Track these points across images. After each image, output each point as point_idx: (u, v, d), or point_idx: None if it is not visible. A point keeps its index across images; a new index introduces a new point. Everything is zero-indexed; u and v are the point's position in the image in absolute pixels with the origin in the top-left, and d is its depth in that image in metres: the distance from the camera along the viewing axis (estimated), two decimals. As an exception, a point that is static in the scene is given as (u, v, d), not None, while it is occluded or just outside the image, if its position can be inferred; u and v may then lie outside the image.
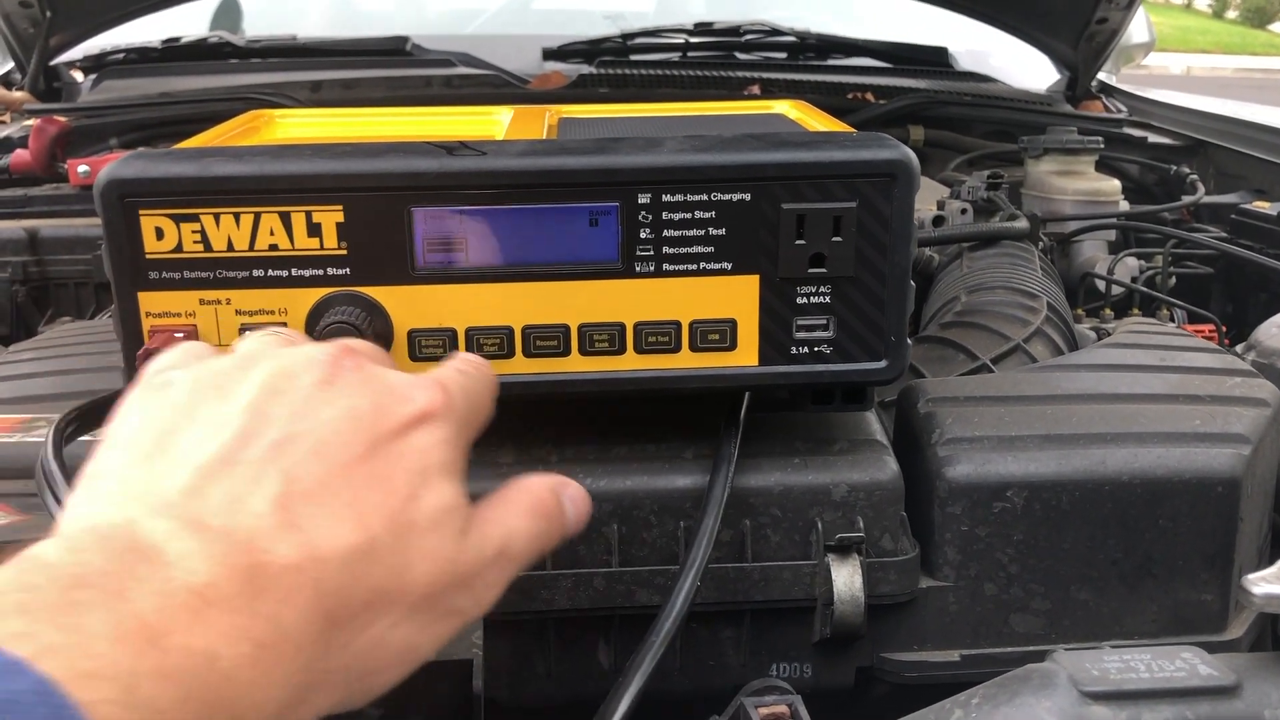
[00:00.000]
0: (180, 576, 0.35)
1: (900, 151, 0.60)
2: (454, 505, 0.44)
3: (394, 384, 0.45)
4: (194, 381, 0.44)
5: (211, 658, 0.34)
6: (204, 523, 0.37)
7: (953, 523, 0.68)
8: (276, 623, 0.36)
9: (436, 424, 0.45)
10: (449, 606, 0.44)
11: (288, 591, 0.37)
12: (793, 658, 0.68)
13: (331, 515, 0.40)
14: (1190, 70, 13.98)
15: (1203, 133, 1.76)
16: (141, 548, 0.35)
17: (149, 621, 0.33)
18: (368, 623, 0.40)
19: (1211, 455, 0.69)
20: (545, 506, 0.49)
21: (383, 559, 0.40)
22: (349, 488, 0.41)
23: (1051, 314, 0.98)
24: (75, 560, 0.34)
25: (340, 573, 0.39)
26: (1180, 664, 0.53)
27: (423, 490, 0.43)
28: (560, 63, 1.89)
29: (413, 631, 0.42)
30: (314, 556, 0.38)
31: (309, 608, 0.37)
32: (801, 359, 0.62)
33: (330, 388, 0.44)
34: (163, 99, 1.68)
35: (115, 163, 0.58)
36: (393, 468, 0.43)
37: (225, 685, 0.34)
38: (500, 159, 0.59)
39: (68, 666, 0.30)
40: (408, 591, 0.41)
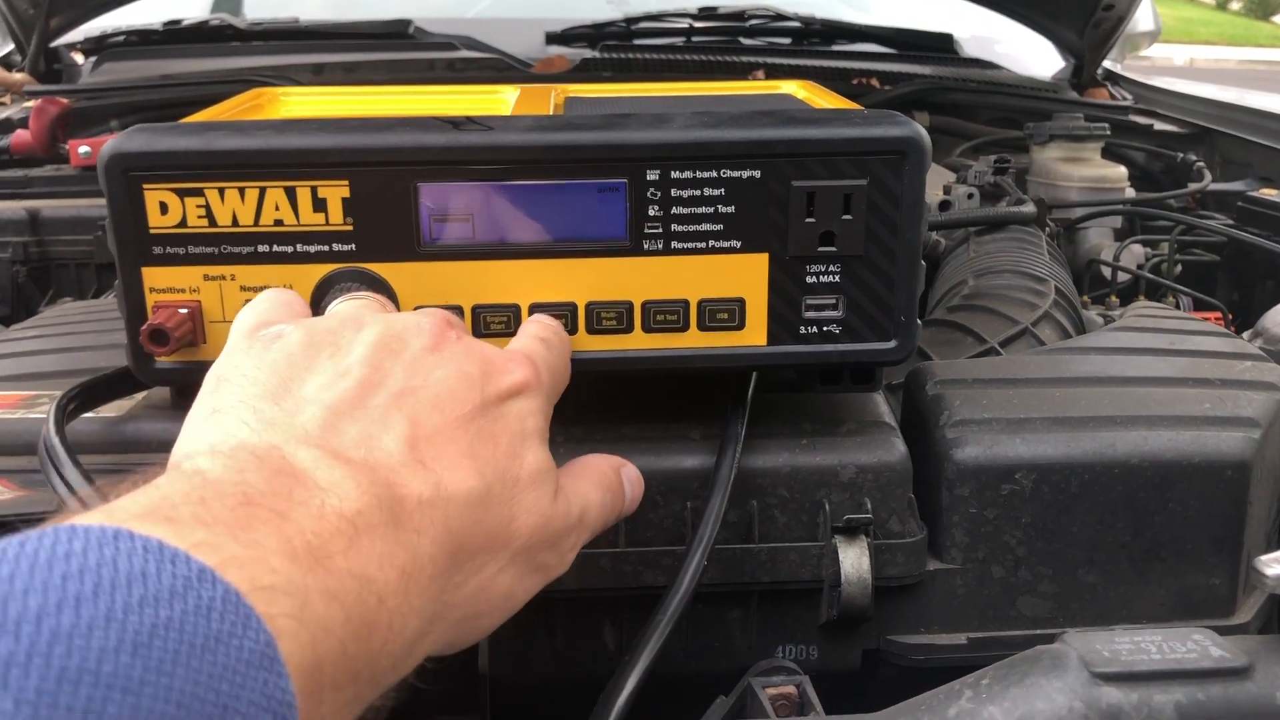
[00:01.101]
0: (333, 503, 0.37)
1: (911, 129, 0.59)
2: (549, 468, 0.48)
3: (492, 356, 0.49)
4: (307, 334, 0.47)
5: (367, 581, 0.35)
6: (345, 455, 0.40)
7: (960, 505, 0.67)
8: (414, 552, 0.39)
9: (530, 395, 0.49)
10: (540, 561, 0.47)
11: (423, 524, 0.40)
12: (799, 639, 0.68)
13: (453, 460, 0.43)
14: (1193, 61, 13.95)
15: (1209, 120, 1.76)
16: (295, 472, 0.37)
17: (312, 543, 0.34)
18: (481, 564, 0.43)
19: (1221, 439, 0.68)
20: (610, 481, 0.54)
21: (495, 506, 0.44)
22: (465, 438, 0.44)
23: (1059, 298, 0.98)
24: (239, 478, 0.35)
25: (463, 512, 0.42)
26: (1192, 645, 0.52)
27: (524, 451, 0.46)
28: (564, 46, 1.88)
29: (513, 579, 0.45)
30: (443, 495, 0.41)
31: (440, 540, 0.40)
32: (810, 339, 0.62)
33: (438, 352, 0.47)
34: (163, 81, 1.68)
35: (119, 136, 0.57)
36: (498, 427, 0.46)
37: (378, 608, 0.36)
38: (507, 134, 0.58)
39: (249, 579, 0.31)
40: (512, 539, 0.44)
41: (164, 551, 0.29)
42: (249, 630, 0.29)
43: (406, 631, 0.37)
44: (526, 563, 0.46)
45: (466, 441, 0.44)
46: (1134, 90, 1.97)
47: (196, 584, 0.29)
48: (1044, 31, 1.97)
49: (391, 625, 0.36)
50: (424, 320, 0.49)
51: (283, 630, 0.31)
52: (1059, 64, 2.04)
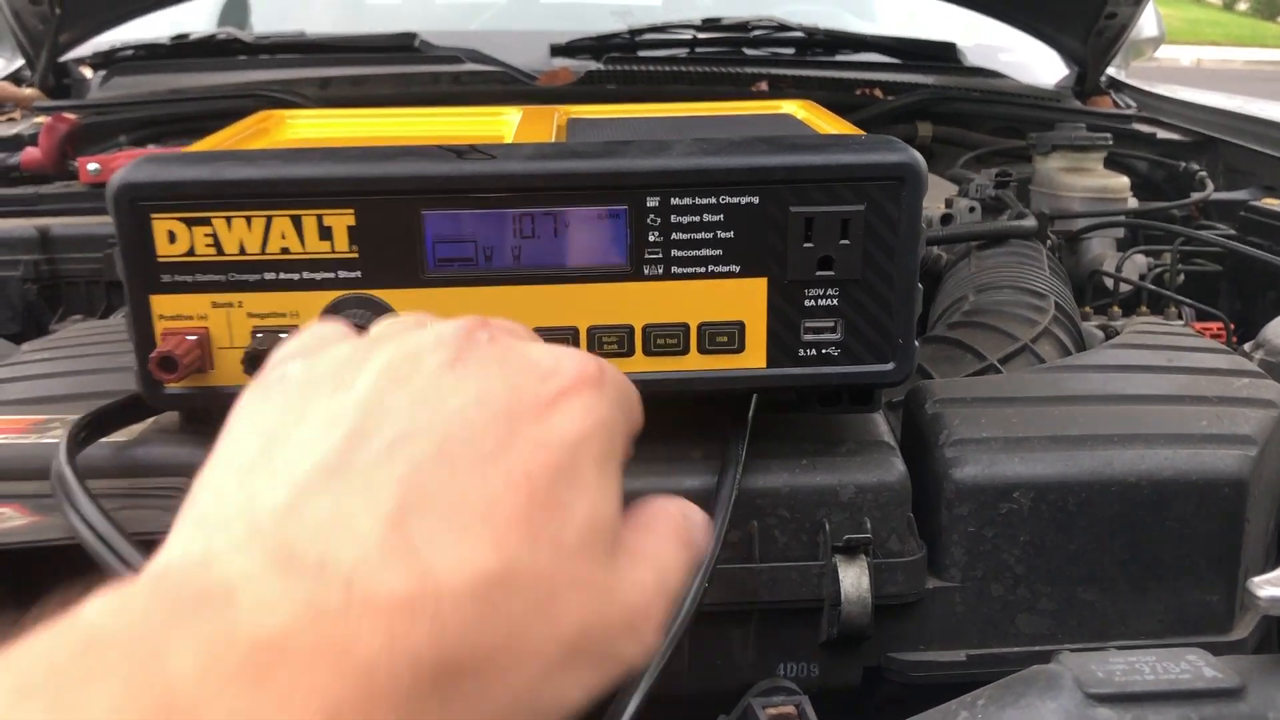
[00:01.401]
0: (245, 628, 0.28)
1: (908, 154, 0.60)
2: (609, 516, 0.36)
3: (535, 356, 0.38)
4: (309, 372, 0.38)
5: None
6: (294, 554, 0.31)
7: (959, 524, 0.68)
8: (368, 678, 0.28)
9: (587, 400, 0.36)
10: (609, 651, 0.34)
11: (390, 636, 0.29)
12: (800, 657, 0.69)
13: (459, 532, 0.32)
14: (1200, 62, 13.93)
15: (1212, 128, 1.76)
16: (210, 591, 0.29)
17: (178, 689, 0.26)
18: (505, 670, 0.31)
19: (1218, 456, 0.69)
20: (688, 535, 0.40)
21: (522, 591, 0.32)
22: (481, 495, 0.33)
23: (1059, 314, 0.99)
24: (113, 618, 0.28)
25: (466, 609, 0.30)
26: (1185, 666, 0.53)
27: (572, 495, 0.34)
28: (568, 59, 1.89)
29: (566, 684, 0.32)
30: (433, 589, 0.30)
31: (421, 653, 0.29)
32: (809, 361, 0.62)
33: (458, 368, 0.36)
34: (172, 96, 1.69)
35: (127, 166, 0.58)
36: (535, 464, 0.34)
37: None
38: (510, 162, 0.59)
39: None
40: (555, 629, 0.32)
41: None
42: None
43: None
44: (586, 657, 0.33)
45: (484, 498, 0.33)
46: (1138, 98, 1.98)
47: None
48: (1047, 40, 1.98)
49: None
50: (447, 329, 0.38)
51: None
52: (1062, 72, 2.05)
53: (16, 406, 0.71)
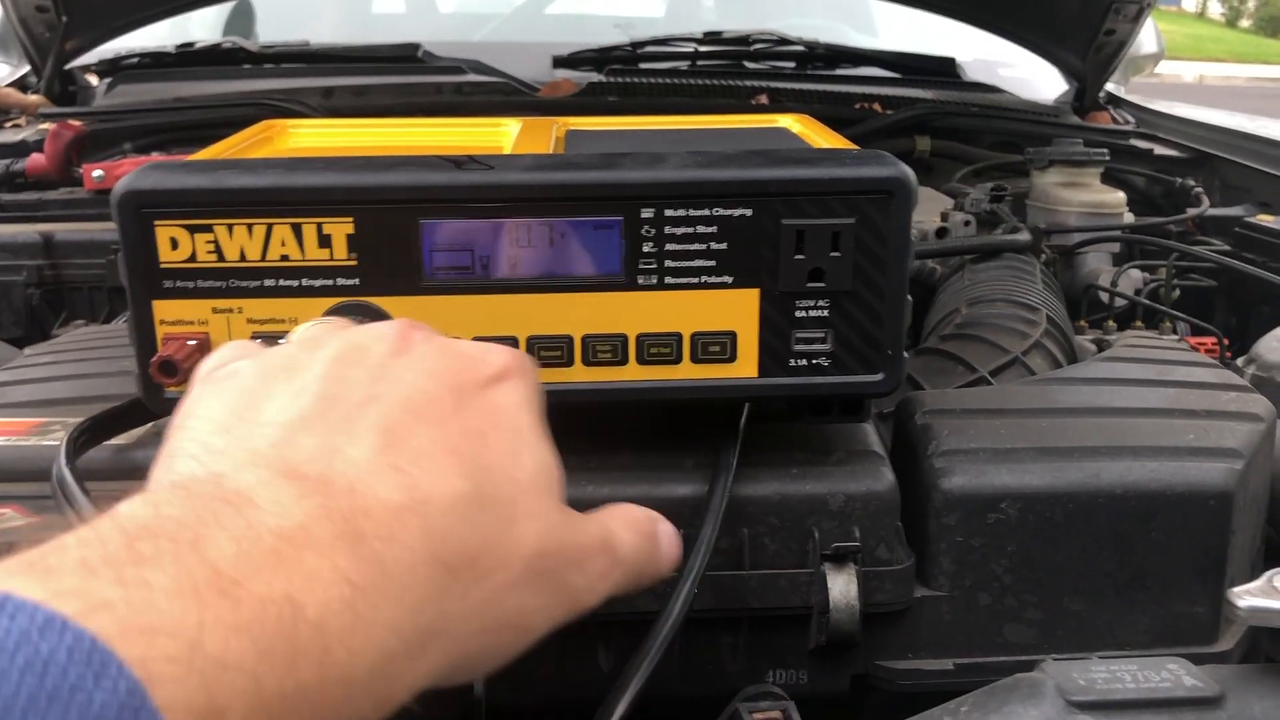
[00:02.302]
0: (268, 521, 0.33)
1: (898, 169, 0.61)
2: (552, 466, 0.43)
3: (466, 349, 0.45)
4: (261, 365, 0.43)
5: (293, 605, 0.31)
6: (298, 470, 0.36)
7: (948, 533, 0.69)
8: (379, 563, 0.34)
9: (516, 383, 0.44)
10: (562, 579, 0.42)
11: (392, 530, 0.35)
12: (789, 664, 0.70)
13: (434, 461, 0.38)
14: (1202, 78, 13.96)
15: (1209, 145, 1.77)
16: (228, 495, 0.34)
17: (222, 570, 0.31)
18: (484, 573, 0.38)
19: (1205, 469, 0.70)
20: (643, 527, 0.49)
21: (490, 509, 0.39)
22: (446, 438, 0.39)
23: (1051, 327, 1.00)
24: (151, 512, 0.32)
25: (448, 516, 0.37)
26: (1166, 675, 0.54)
27: (520, 449, 0.42)
28: (570, 70, 1.90)
29: (527, 596, 0.40)
30: (420, 498, 0.37)
31: (417, 547, 0.36)
32: (800, 371, 0.63)
33: (404, 356, 0.43)
34: (177, 104, 1.71)
35: (132, 174, 0.59)
36: (486, 424, 0.41)
37: (312, 634, 0.31)
38: (508, 173, 0.60)
39: (119, 622, 0.28)
40: (517, 547, 0.40)
41: (5, 605, 0.26)
42: (104, 681, 0.26)
43: (368, 651, 0.33)
44: (544, 578, 0.41)
45: (448, 440, 0.39)
46: (1136, 114, 1.99)
47: (36, 638, 0.26)
48: (1046, 55, 1.99)
49: (334, 649, 0.32)
50: (385, 328, 0.45)
51: (160, 675, 0.27)
52: (1061, 87, 2.06)
53: (18, 409, 0.72)
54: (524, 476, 0.41)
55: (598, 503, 0.65)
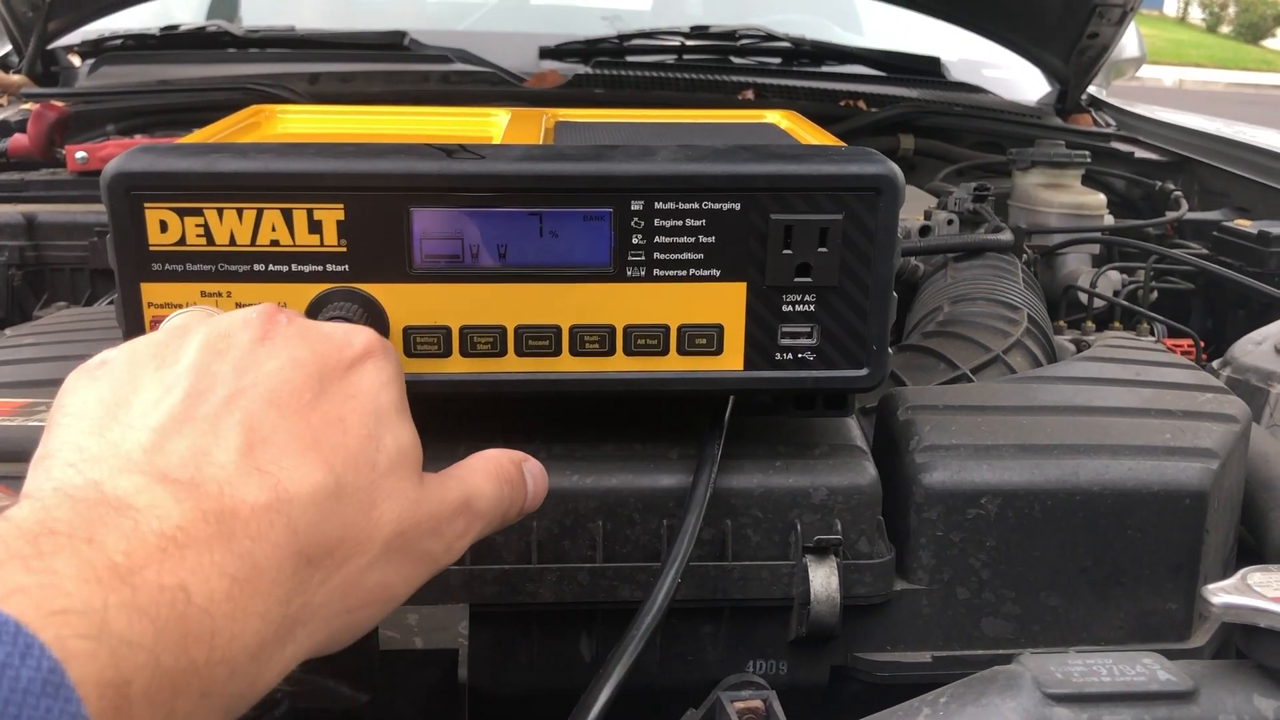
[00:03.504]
0: (150, 522, 0.36)
1: (886, 166, 0.62)
2: (411, 445, 0.46)
3: (329, 332, 0.47)
4: (130, 355, 0.45)
5: (185, 592, 0.35)
6: (170, 476, 0.38)
7: (928, 528, 0.70)
8: (251, 559, 0.37)
9: (378, 363, 0.47)
10: (420, 550, 0.45)
11: (260, 530, 0.38)
12: (769, 655, 0.70)
13: (295, 458, 0.41)
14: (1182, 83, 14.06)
15: (1189, 149, 1.79)
16: (109, 501, 0.36)
17: (118, 562, 0.34)
18: (342, 560, 0.41)
19: (1180, 469, 0.71)
20: (506, 473, 0.51)
21: (349, 498, 0.42)
22: (308, 430, 0.42)
23: (1031, 326, 1.01)
24: (44, 516, 0.35)
25: (309, 511, 0.40)
26: (1141, 669, 0.55)
27: (380, 431, 0.45)
28: (557, 62, 1.90)
29: (386, 571, 0.43)
30: (283, 497, 0.40)
31: (282, 544, 0.39)
32: (785, 365, 0.64)
33: (268, 342, 0.45)
34: (160, 87, 1.70)
35: (122, 156, 0.59)
36: (346, 410, 0.44)
37: (201, 618, 0.35)
38: (498, 163, 0.60)
39: (35, 605, 0.31)
40: (377, 529, 0.43)
41: None
42: (29, 659, 0.29)
43: (246, 637, 0.36)
44: (401, 552, 0.44)
45: (310, 434, 0.42)
46: (1117, 116, 2.01)
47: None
48: (1030, 57, 2.01)
49: (220, 633, 0.35)
50: (250, 313, 0.47)
51: (75, 651, 0.31)
52: (1044, 89, 2.07)
53: (3, 389, 0.72)
54: (383, 459, 0.44)
55: (583, 493, 0.66)
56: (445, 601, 0.65)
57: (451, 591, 0.65)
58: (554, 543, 0.66)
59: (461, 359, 0.62)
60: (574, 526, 0.67)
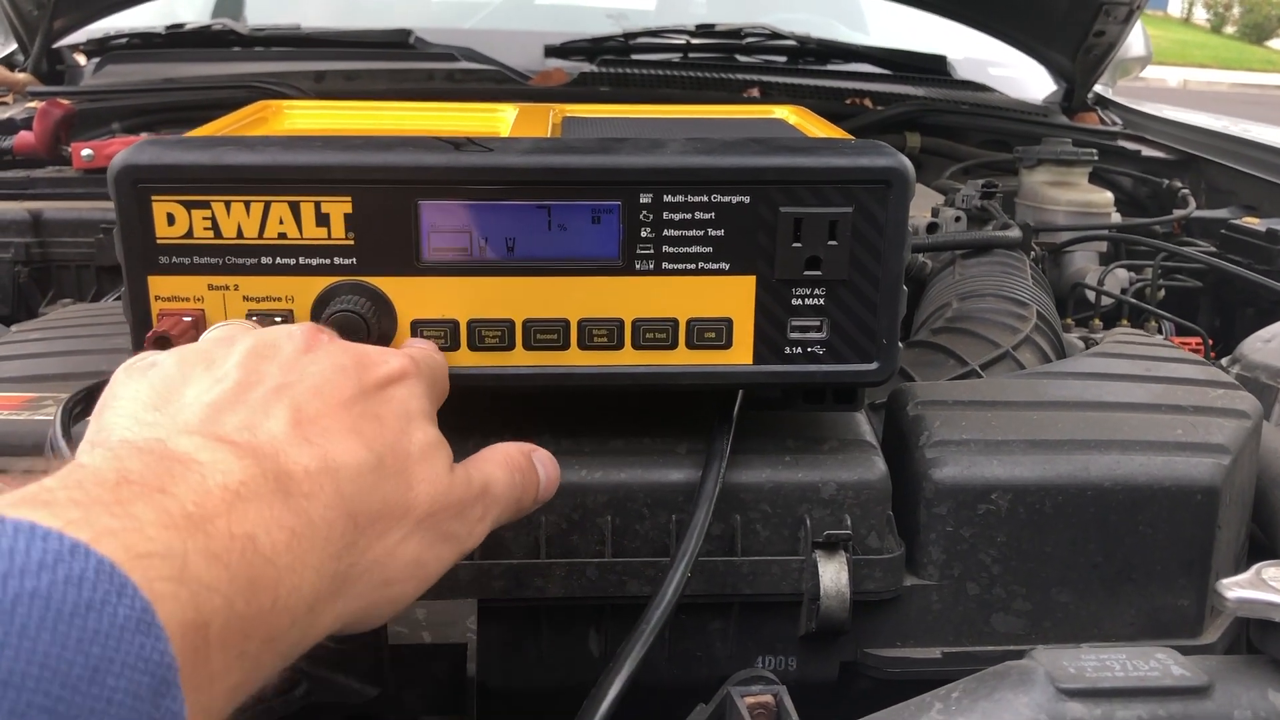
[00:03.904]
0: (216, 477, 0.38)
1: (896, 159, 0.61)
2: (440, 443, 0.50)
3: (367, 350, 0.51)
4: (179, 356, 0.48)
5: (253, 541, 0.37)
6: (229, 438, 0.41)
7: (938, 523, 0.69)
8: (306, 515, 0.40)
9: (409, 382, 0.51)
10: (447, 530, 0.48)
11: (312, 490, 0.41)
12: (778, 650, 0.70)
13: (339, 436, 0.45)
14: (1186, 84, 14.05)
15: (1196, 147, 1.79)
16: (176, 456, 0.39)
17: (191, 511, 0.36)
18: (384, 530, 0.45)
19: (1192, 464, 0.71)
20: (518, 462, 0.55)
21: (389, 475, 0.45)
22: (349, 418, 0.46)
23: (1041, 322, 1.00)
24: (117, 465, 0.37)
25: (355, 480, 0.44)
26: (1154, 664, 0.54)
27: (411, 429, 0.48)
28: (562, 60, 1.90)
29: (420, 546, 0.46)
30: (331, 465, 0.43)
31: (333, 505, 0.42)
32: (795, 359, 0.64)
33: (312, 352, 0.49)
34: (166, 85, 1.70)
35: (129, 149, 0.59)
36: (383, 410, 0.48)
37: (267, 566, 0.37)
38: (506, 156, 0.60)
39: (124, 548, 0.32)
40: (413, 506, 0.46)
41: (35, 531, 0.30)
42: (124, 598, 0.31)
43: (303, 589, 0.39)
44: (433, 531, 0.47)
45: (350, 421, 0.46)
46: (1123, 115, 2.00)
47: (69, 558, 0.30)
48: (1036, 56, 2.00)
49: (283, 582, 0.38)
50: (294, 329, 0.51)
51: (161, 594, 0.32)
52: (1050, 87, 2.07)
53: (10, 384, 0.71)
54: (415, 449, 0.48)
55: (591, 488, 0.66)
56: (454, 596, 0.64)
57: (460, 586, 0.65)
58: (562, 538, 0.66)
59: (469, 352, 0.62)
60: (582, 521, 0.66)
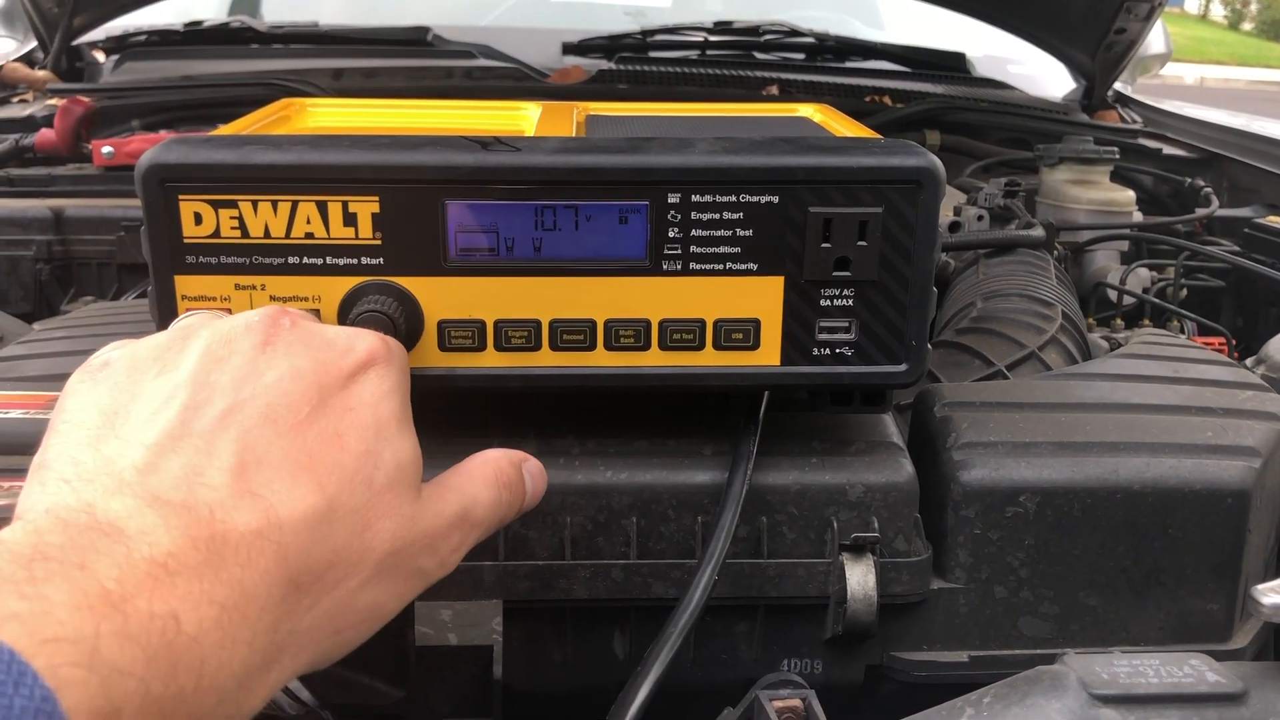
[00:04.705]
0: (141, 549, 0.36)
1: (927, 159, 0.61)
2: (410, 460, 0.45)
3: (333, 337, 0.47)
4: (132, 358, 0.45)
5: (175, 620, 0.35)
6: (162, 498, 0.38)
7: (965, 526, 0.69)
8: (240, 587, 0.37)
9: (380, 371, 0.46)
10: (413, 566, 0.45)
11: (250, 557, 0.38)
12: (804, 653, 0.70)
13: (289, 480, 0.41)
14: (1204, 81, 13.97)
15: (1217, 146, 1.77)
16: (101, 526, 0.36)
17: (110, 590, 0.34)
18: (333, 584, 0.41)
19: (1222, 467, 0.70)
20: (506, 477, 0.51)
21: (343, 520, 0.41)
22: (304, 450, 0.42)
23: (1066, 323, 0.99)
24: (36, 540, 0.35)
25: (301, 536, 0.40)
26: (1189, 670, 0.54)
27: (379, 446, 0.44)
28: (580, 57, 1.90)
29: (379, 591, 0.43)
30: (274, 522, 0.39)
31: (272, 571, 0.38)
32: (823, 360, 0.63)
33: (270, 349, 0.45)
34: (184, 82, 1.70)
35: (157, 148, 0.59)
36: (344, 424, 0.44)
37: (191, 646, 0.35)
38: (534, 155, 0.60)
39: (29, 633, 0.31)
40: (370, 551, 0.42)
41: None
42: (22, 687, 0.29)
43: (233, 665, 0.36)
44: (394, 571, 0.44)
45: (305, 452, 0.42)
46: (1144, 113, 1.99)
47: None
48: (1056, 53, 1.99)
49: (209, 660, 0.35)
50: (253, 317, 0.47)
51: (68, 680, 0.31)
52: (1070, 85, 2.06)
53: (32, 383, 0.71)
54: (380, 476, 0.43)
55: (617, 489, 0.65)
56: (479, 598, 0.64)
57: (485, 588, 0.64)
58: (588, 539, 0.66)
59: (496, 353, 0.61)
60: (608, 523, 0.66)
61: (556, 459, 0.66)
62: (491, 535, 0.64)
